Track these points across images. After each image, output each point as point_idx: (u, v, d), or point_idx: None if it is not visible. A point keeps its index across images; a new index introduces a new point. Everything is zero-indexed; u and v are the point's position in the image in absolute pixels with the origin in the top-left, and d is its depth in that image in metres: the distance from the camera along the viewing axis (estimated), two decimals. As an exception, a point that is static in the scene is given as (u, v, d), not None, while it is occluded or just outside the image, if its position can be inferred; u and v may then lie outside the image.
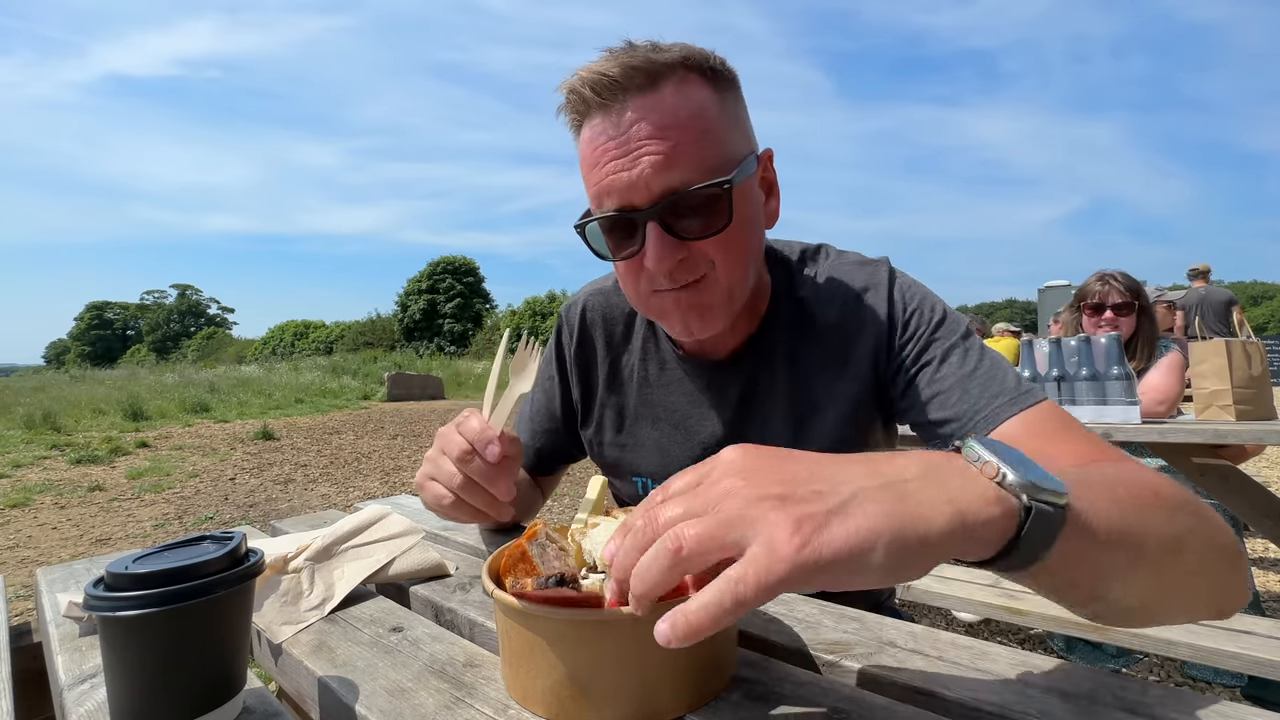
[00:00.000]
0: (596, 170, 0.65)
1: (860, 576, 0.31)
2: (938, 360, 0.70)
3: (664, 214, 0.64)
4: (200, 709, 0.45)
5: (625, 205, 0.65)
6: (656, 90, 0.63)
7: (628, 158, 0.63)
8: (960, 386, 0.67)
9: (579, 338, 0.91)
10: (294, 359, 26.62)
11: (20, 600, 2.72)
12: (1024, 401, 0.64)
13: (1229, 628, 1.43)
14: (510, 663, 0.48)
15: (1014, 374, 0.68)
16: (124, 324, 71.18)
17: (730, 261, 0.67)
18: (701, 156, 0.63)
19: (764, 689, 0.47)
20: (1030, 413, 0.63)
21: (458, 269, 40.57)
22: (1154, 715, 0.41)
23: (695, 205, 0.64)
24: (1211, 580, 0.47)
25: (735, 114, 0.68)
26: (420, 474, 0.69)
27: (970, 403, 0.66)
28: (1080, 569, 0.38)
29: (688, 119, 0.63)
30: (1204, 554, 0.45)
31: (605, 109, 0.64)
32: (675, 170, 0.62)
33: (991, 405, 0.64)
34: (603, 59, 0.64)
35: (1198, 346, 1.91)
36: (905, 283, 0.76)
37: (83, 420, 9.24)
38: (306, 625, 0.64)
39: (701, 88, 0.64)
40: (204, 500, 4.80)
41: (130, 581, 0.43)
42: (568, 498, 4.59)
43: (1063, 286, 15.34)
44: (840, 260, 0.79)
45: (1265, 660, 1.30)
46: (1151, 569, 0.41)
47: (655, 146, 0.62)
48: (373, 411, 11.19)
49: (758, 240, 0.71)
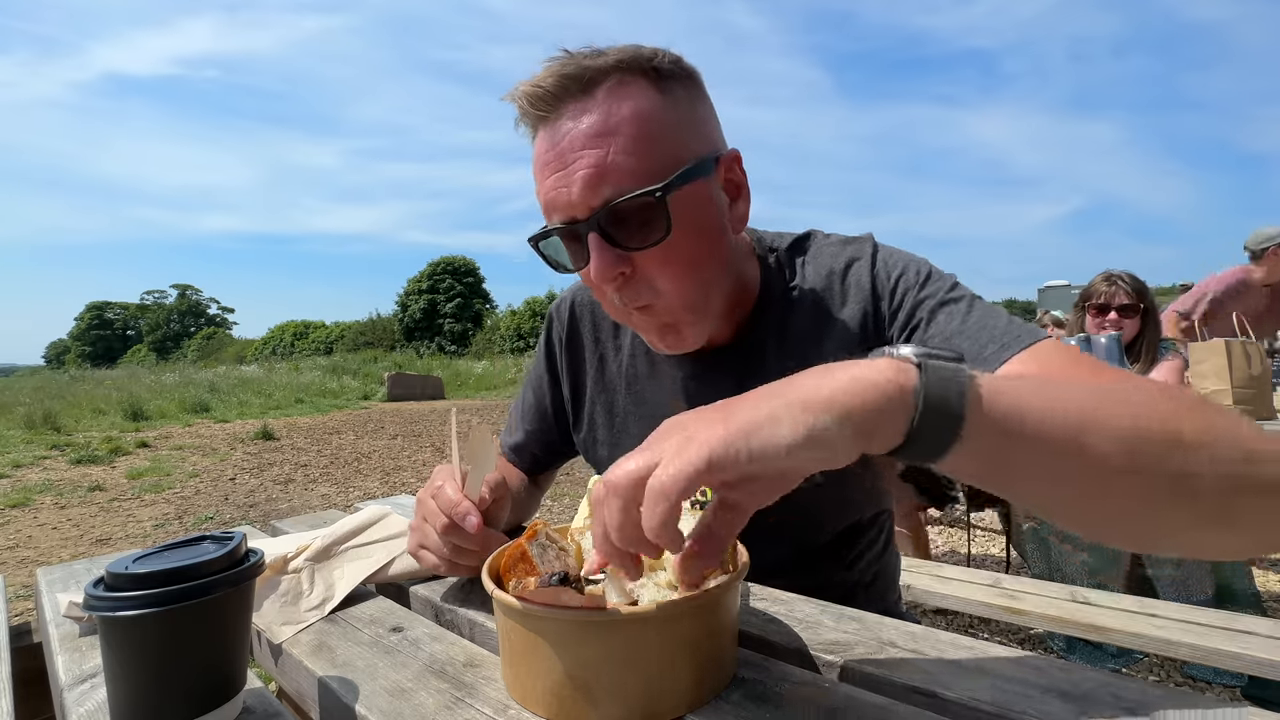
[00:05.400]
0: (540, 184, 0.64)
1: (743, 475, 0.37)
2: (925, 320, 0.68)
3: (603, 224, 0.62)
4: (200, 709, 0.45)
5: (568, 218, 0.63)
6: (591, 97, 0.61)
7: (565, 170, 0.61)
8: (951, 340, 0.65)
9: (568, 333, 0.90)
10: (294, 359, 26.64)
11: (20, 600, 2.72)
12: (1017, 345, 0.61)
13: (1229, 627, 1.43)
14: (510, 663, 0.48)
15: (1005, 318, 0.64)
16: (124, 324, 71.18)
17: (676, 274, 0.65)
18: (638, 163, 0.61)
19: (764, 689, 0.47)
20: (1026, 353, 0.60)
21: (458, 269, 40.56)
22: (1154, 715, 0.41)
23: (631, 214, 0.61)
24: (1203, 511, 0.42)
25: (687, 114, 0.65)
26: (410, 543, 0.69)
27: (971, 348, 0.63)
28: (993, 461, 0.40)
29: (620, 124, 0.60)
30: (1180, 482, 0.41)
31: (544, 121, 0.63)
32: (609, 179, 0.60)
33: (985, 351, 0.62)
34: (541, 71, 0.63)
35: (1197, 347, 1.91)
36: (888, 252, 0.74)
37: (83, 420, 9.25)
38: (306, 625, 0.64)
39: (642, 89, 0.62)
40: (204, 500, 4.80)
41: (130, 581, 0.43)
42: (568, 498, 4.59)
43: (1062, 287, 15.33)
44: (826, 242, 0.78)
45: (1265, 660, 1.30)
46: (1087, 479, 0.40)
47: (589, 157, 0.60)
48: (373, 411, 11.19)
49: (713, 247, 0.68)
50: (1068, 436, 0.39)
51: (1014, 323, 0.64)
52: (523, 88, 0.62)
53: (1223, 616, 1.50)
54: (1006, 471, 0.41)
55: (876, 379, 0.37)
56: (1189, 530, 0.43)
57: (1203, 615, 1.51)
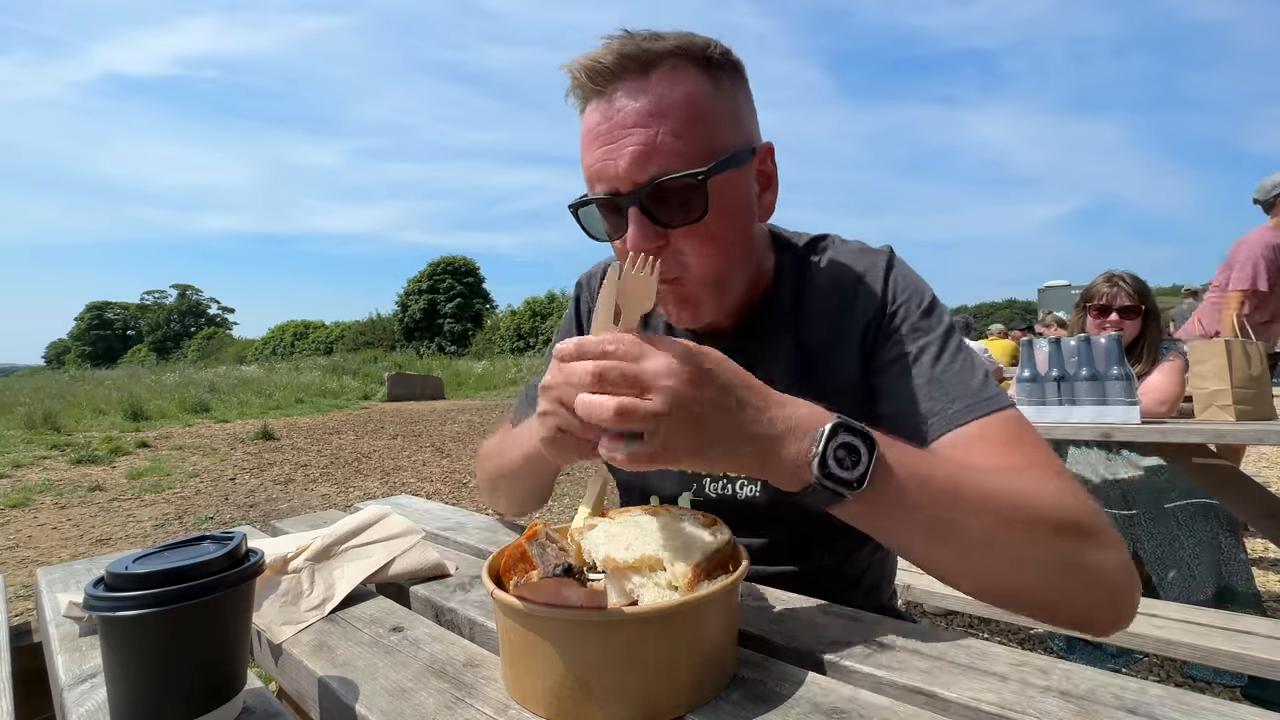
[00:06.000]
0: (588, 155, 0.68)
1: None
2: (913, 355, 0.71)
3: (644, 200, 0.65)
4: (200, 709, 0.45)
5: (612, 190, 0.67)
6: (647, 78, 0.64)
7: (615, 144, 0.64)
8: (927, 385, 0.68)
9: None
10: (294, 359, 26.63)
11: (20, 600, 2.72)
12: (982, 409, 0.65)
13: (1229, 627, 1.43)
14: (510, 663, 0.48)
15: (982, 377, 0.68)
16: (124, 324, 71.17)
17: (707, 253, 0.69)
18: (685, 145, 0.64)
19: (764, 689, 0.47)
20: (987, 420, 0.64)
21: (458, 269, 40.57)
22: (1154, 715, 0.41)
23: (673, 194, 0.65)
24: (1030, 583, 0.56)
25: (731, 104, 0.69)
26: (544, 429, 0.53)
27: (931, 403, 0.67)
28: (874, 525, 0.55)
29: (672, 107, 0.64)
30: (1025, 563, 0.55)
31: (599, 95, 0.66)
32: (656, 158, 0.64)
33: (951, 408, 0.66)
34: (600, 48, 0.66)
35: (1197, 346, 1.91)
36: (902, 271, 0.77)
37: (83, 420, 9.24)
38: (306, 625, 0.64)
39: (694, 76, 0.66)
40: (204, 500, 4.80)
41: (130, 581, 0.43)
42: (567, 498, 4.59)
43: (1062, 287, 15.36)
44: (844, 247, 0.81)
45: (1265, 660, 1.30)
46: (954, 549, 0.55)
47: (639, 135, 0.64)
48: (373, 411, 11.18)
49: (742, 232, 0.72)
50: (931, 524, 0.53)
51: (987, 384, 0.68)
52: (581, 61, 0.66)
53: (1223, 616, 1.50)
54: (880, 532, 0.56)
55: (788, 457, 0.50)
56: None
57: (1203, 615, 1.51)
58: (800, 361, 0.78)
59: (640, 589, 0.47)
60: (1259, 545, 3.07)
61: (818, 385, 0.77)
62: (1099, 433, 1.76)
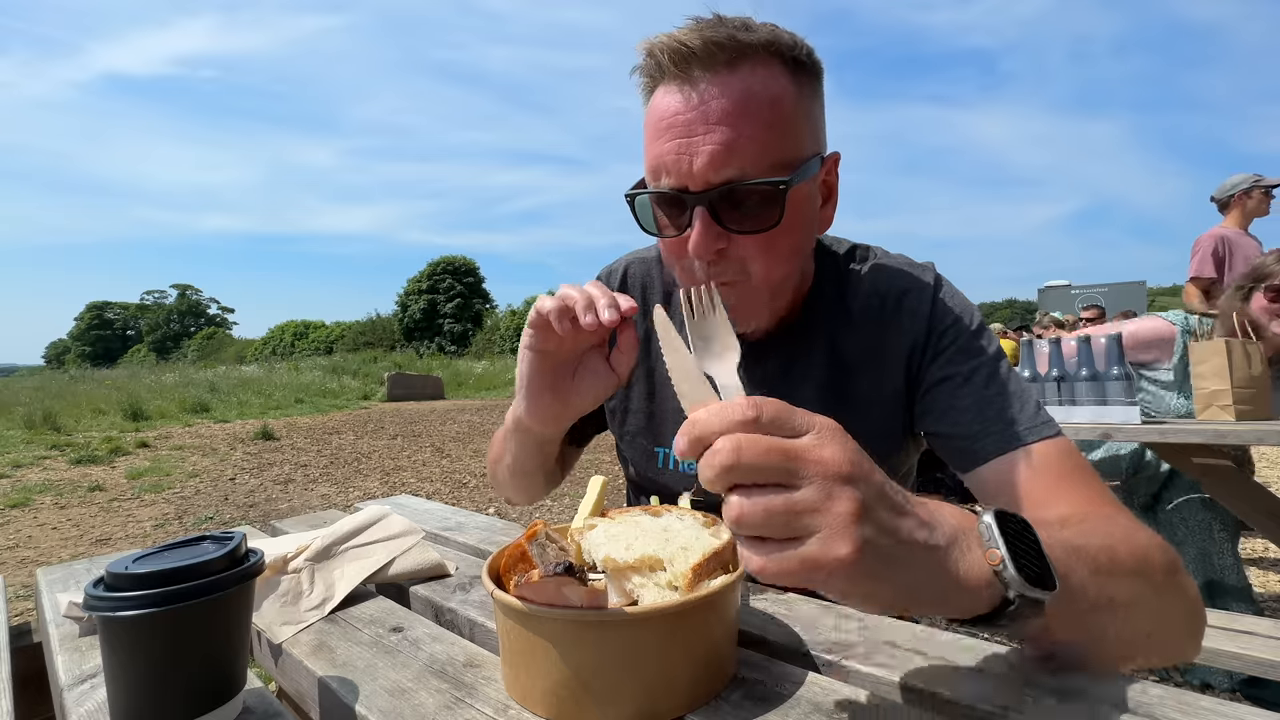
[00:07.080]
0: (657, 143, 0.63)
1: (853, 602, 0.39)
2: (964, 376, 0.69)
3: (715, 202, 0.62)
4: (200, 709, 0.45)
5: (680, 185, 0.63)
6: (734, 72, 0.60)
7: (691, 139, 0.60)
8: (978, 406, 0.67)
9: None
10: (294, 359, 26.62)
11: (20, 600, 2.72)
12: (1037, 434, 0.64)
13: (1229, 628, 1.43)
14: (510, 663, 0.48)
15: (1034, 403, 0.67)
16: (124, 324, 71.16)
17: (771, 262, 0.66)
18: (765, 151, 0.61)
19: (764, 689, 0.47)
20: (1040, 447, 0.63)
21: (458, 269, 40.57)
22: (1154, 715, 0.41)
23: (747, 199, 0.62)
24: (1156, 637, 0.51)
25: (810, 110, 0.65)
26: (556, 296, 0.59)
27: (984, 424, 0.66)
28: (1053, 634, 0.44)
29: (758, 109, 0.60)
30: (1166, 615, 0.51)
31: (678, 81, 0.61)
32: (735, 160, 0.60)
33: (1007, 431, 0.64)
34: (686, 28, 0.61)
35: (1197, 347, 1.91)
36: (949, 291, 0.75)
37: (83, 420, 9.24)
38: (306, 625, 0.64)
39: (781, 77, 0.62)
40: (204, 500, 4.80)
41: (130, 582, 0.43)
42: (568, 498, 4.59)
43: (1063, 286, 15.36)
44: (887, 259, 0.79)
45: (1265, 660, 1.30)
46: (1111, 630, 0.47)
47: (720, 133, 0.60)
48: (373, 411, 11.18)
49: (805, 242, 0.69)
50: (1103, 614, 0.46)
51: (1040, 412, 0.66)
52: (664, 40, 0.61)
53: (1223, 617, 1.50)
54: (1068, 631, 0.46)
55: (972, 602, 0.40)
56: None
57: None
58: (833, 369, 0.76)
59: (640, 589, 0.47)
60: (1259, 545, 3.07)
61: (848, 395, 0.76)
62: (1099, 433, 1.76)
